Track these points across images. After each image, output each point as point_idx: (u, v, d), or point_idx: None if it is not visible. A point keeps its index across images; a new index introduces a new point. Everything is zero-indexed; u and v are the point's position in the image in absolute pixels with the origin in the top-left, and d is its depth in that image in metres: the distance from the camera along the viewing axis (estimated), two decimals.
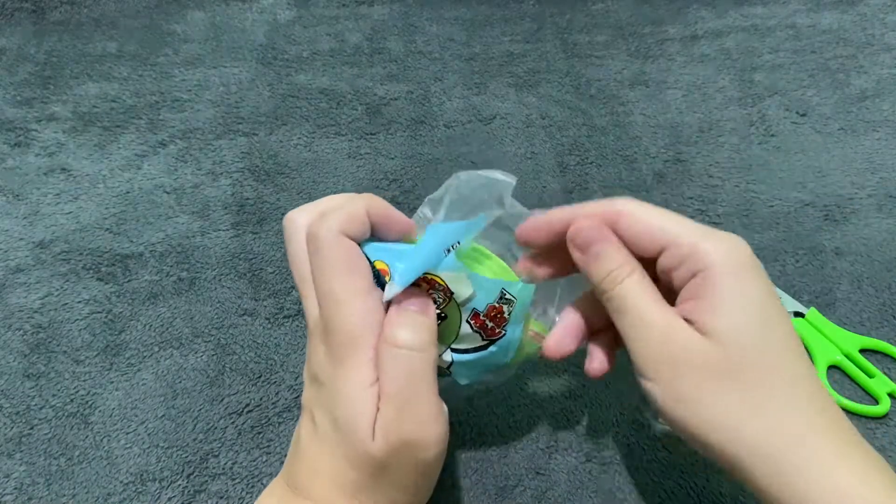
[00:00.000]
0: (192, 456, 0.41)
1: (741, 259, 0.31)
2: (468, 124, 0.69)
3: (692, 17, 0.87)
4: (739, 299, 0.30)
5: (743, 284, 0.31)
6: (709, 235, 0.32)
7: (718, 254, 0.31)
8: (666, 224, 0.33)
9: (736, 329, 0.30)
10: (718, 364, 0.30)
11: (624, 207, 0.33)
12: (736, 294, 0.30)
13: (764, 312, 0.31)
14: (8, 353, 0.47)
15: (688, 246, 0.31)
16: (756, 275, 0.31)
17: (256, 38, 0.84)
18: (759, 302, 0.31)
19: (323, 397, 0.32)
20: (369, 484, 0.31)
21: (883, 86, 0.72)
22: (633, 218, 0.33)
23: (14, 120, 0.71)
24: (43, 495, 0.39)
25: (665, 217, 0.33)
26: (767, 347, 0.30)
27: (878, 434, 0.41)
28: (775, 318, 0.31)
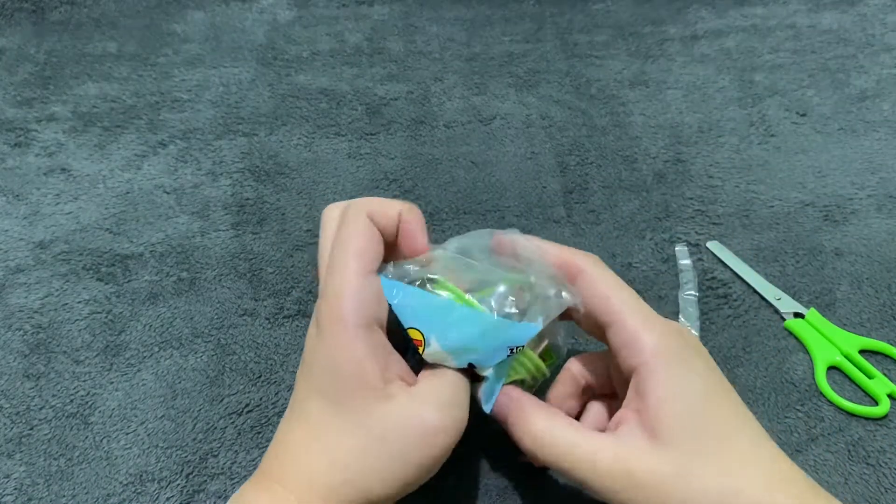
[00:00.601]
0: (191, 456, 0.41)
1: (675, 348, 0.32)
2: (468, 124, 0.69)
3: (692, 17, 0.87)
4: (685, 392, 0.31)
5: (679, 378, 0.31)
6: (648, 323, 0.33)
7: (653, 346, 0.32)
8: (614, 300, 0.34)
9: (686, 423, 0.31)
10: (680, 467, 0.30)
11: (584, 266, 0.35)
12: (673, 391, 0.31)
13: (705, 401, 0.31)
14: (8, 353, 0.47)
15: (628, 332, 0.33)
16: (691, 362, 0.32)
17: (256, 38, 0.84)
18: (699, 392, 0.31)
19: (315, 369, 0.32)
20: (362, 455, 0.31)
21: (883, 86, 0.72)
22: (588, 281, 0.34)
23: (14, 120, 0.71)
24: (43, 496, 0.39)
25: (615, 291, 0.34)
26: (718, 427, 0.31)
27: (878, 436, 0.41)
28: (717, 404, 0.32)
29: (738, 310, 0.49)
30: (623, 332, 0.33)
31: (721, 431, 0.31)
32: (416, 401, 0.32)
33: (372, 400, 0.31)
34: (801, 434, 0.41)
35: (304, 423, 0.32)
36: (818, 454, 0.40)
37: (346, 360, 0.31)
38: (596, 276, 0.34)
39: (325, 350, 0.31)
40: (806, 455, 0.40)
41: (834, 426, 0.42)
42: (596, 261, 0.35)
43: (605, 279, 0.34)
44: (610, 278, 0.35)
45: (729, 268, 0.52)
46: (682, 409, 0.31)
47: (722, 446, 0.30)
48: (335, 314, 0.31)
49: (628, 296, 0.34)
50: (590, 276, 0.34)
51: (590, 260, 0.35)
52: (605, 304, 0.34)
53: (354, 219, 0.34)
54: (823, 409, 0.43)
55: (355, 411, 0.31)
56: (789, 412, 0.42)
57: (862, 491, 0.38)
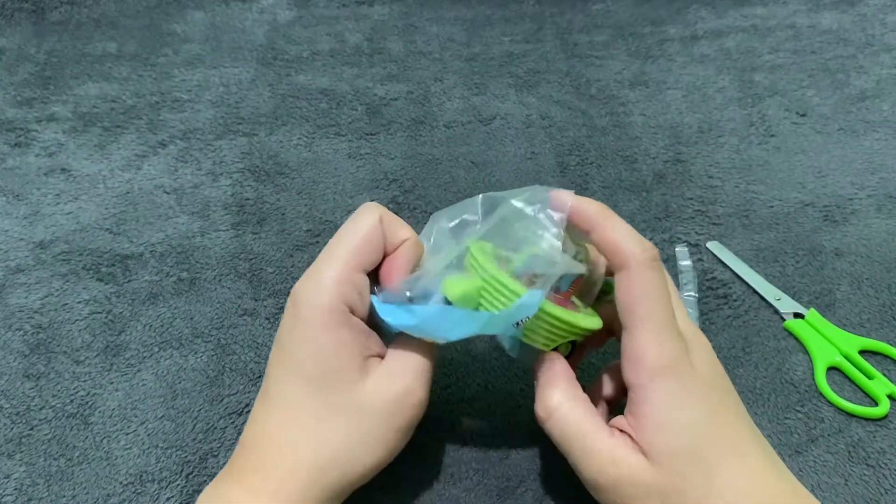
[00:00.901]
0: (191, 456, 0.41)
1: (676, 373, 0.31)
2: (468, 124, 0.69)
3: (692, 17, 0.87)
4: (679, 421, 0.31)
5: (673, 406, 0.31)
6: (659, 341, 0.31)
7: (653, 368, 0.31)
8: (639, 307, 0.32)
9: (677, 449, 0.31)
10: (668, 487, 0.30)
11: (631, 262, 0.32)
12: (665, 419, 0.31)
13: (701, 427, 0.31)
14: (8, 353, 0.47)
15: (636, 346, 0.32)
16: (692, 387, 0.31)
17: (256, 39, 0.85)
18: (694, 420, 0.31)
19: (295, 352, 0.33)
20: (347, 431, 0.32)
21: (883, 86, 0.72)
22: (628, 279, 0.32)
23: (14, 120, 0.71)
24: (43, 496, 0.39)
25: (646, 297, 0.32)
26: (710, 456, 0.31)
27: (878, 437, 0.41)
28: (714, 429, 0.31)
29: (737, 310, 0.49)
30: (632, 344, 0.32)
31: (715, 455, 0.31)
32: (390, 372, 0.33)
33: (352, 379, 0.32)
34: (801, 435, 0.41)
35: (282, 407, 0.32)
36: (818, 455, 0.40)
37: (327, 342, 0.32)
38: (636, 277, 0.32)
39: (307, 333, 0.32)
40: (806, 456, 0.40)
41: (834, 427, 0.42)
42: (646, 259, 0.32)
43: (645, 284, 0.32)
44: (650, 281, 0.32)
45: (729, 268, 0.52)
46: (674, 438, 0.31)
47: (714, 470, 0.30)
48: (318, 299, 0.32)
49: (655, 307, 0.32)
50: (631, 275, 0.32)
51: (641, 256, 0.32)
52: (629, 309, 0.32)
53: (366, 217, 0.34)
54: (823, 410, 0.43)
55: (338, 391, 0.32)
56: (789, 413, 0.42)
57: (862, 492, 0.38)
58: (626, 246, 0.32)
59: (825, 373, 0.44)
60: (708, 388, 0.32)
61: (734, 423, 0.32)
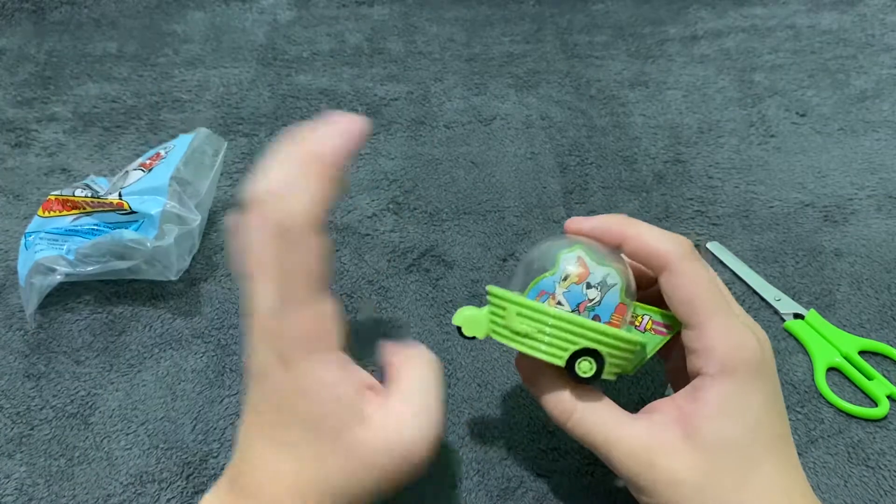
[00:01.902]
0: (191, 457, 0.41)
1: (745, 367, 0.31)
2: (468, 124, 0.69)
3: (692, 18, 0.87)
4: (735, 412, 0.31)
5: (738, 400, 0.31)
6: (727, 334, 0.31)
7: (725, 361, 0.31)
8: (697, 304, 0.32)
9: (725, 440, 0.31)
10: (703, 474, 0.30)
11: (671, 260, 0.32)
12: (733, 407, 0.31)
13: (753, 425, 0.31)
14: (8, 353, 0.47)
15: (705, 340, 0.31)
16: (756, 384, 0.31)
17: (256, 39, 0.85)
18: (750, 417, 0.31)
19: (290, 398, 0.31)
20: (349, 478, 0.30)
21: (883, 86, 0.72)
22: (673, 279, 0.32)
23: (14, 120, 0.71)
24: (43, 496, 0.39)
25: (700, 292, 0.32)
26: (754, 451, 0.31)
27: (878, 437, 0.41)
28: (763, 429, 0.31)
29: None
30: (700, 338, 0.32)
31: (755, 456, 0.31)
32: (392, 417, 0.31)
33: (351, 424, 0.31)
34: (801, 436, 0.41)
35: (287, 451, 0.31)
36: (818, 456, 0.40)
37: (323, 390, 0.30)
38: (682, 273, 0.32)
39: (301, 381, 0.30)
40: (805, 457, 0.40)
41: (834, 428, 0.42)
42: (684, 253, 0.32)
43: (693, 277, 0.32)
44: (697, 276, 0.32)
45: (729, 268, 0.52)
46: (729, 430, 0.31)
47: (756, 466, 0.31)
48: (308, 344, 0.30)
49: (713, 298, 0.32)
50: (675, 273, 0.32)
51: (678, 252, 0.32)
52: (688, 308, 0.32)
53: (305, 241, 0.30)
54: (823, 411, 0.43)
55: (337, 437, 0.30)
56: (789, 414, 0.42)
57: (861, 493, 0.38)
58: (662, 246, 0.32)
59: (825, 373, 0.44)
60: (768, 381, 0.32)
61: (780, 421, 0.32)
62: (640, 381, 0.45)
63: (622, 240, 0.33)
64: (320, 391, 0.30)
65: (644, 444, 0.32)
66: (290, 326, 0.30)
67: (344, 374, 0.31)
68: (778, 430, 0.32)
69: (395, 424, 0.31)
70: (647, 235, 0.33)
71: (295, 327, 0.30)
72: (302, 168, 0.30)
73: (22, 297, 0.49)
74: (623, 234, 0.33)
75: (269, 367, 0.31)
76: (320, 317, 0.31)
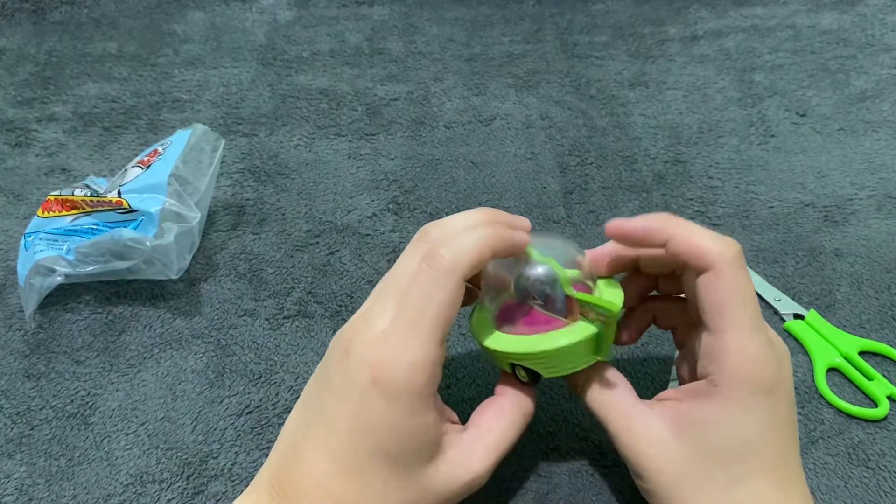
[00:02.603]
0: (191, 457, 0.41)
1: (758, 382, 0.31)
2: (468, 125, 0.69)
3: (692, 18, 0.87)
4: (730, 428, 0.31)
5: (745, 411, 0.31)
6: (745, 345, 0.31)
7: (736, 373, 0.31)
8: (727, 310, 0.31)
9: (713, 450, 0.31)
10: (686, 472, 0.31)
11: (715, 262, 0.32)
12: (729, 423, 0.31)
13: (755, 436, 0.31)
14: (8, 353, 0.47)
15: (721, 348, 0.31)
16: (766, 397, 0.31)
17: (256, 39, 0.84)
18: (754, 433, 0.31)
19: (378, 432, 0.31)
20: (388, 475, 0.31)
21: (883, 86, 0.72)
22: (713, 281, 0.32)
23: (14, 120, 0.71)
24: (43, 496, 0.39)
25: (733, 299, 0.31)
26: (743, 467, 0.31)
27: (878, 438, 0.41)
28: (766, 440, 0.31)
29: None
30: (718, 344, 0.31)
31: (746, 472, 0.31)
32: (465, 450, 0.33)
33: (428, 458, 0.32)
34: (801, 437, 0.41)
35: (353, 477, 0.31)
36: (818, 457, 0.40)
37: (416, 429, 0.31)
38: (724, 277, 0.31)
39: (396, 417, 0.30)
40: (806, 458, 0.40)
41: (834, 429, 0.42)
42: (732, 259, 0.31)
43: (733, 283, 0.31)
44: (738, 283, 0.31)
45: None
46: (718, 441, 0.31)
47: (739, 485, 0.31)
48: (413, 385, 0.30)
49: (745, 309, 0.31)
50: (718, 275, 0.31)
51: (728, 254, 0.31)
52: (716, 313, 0.32)
53: (454, 279, 0.31)
54: (823, 412, 0.43)
55: (412, 468, 0.31)
56: None
57: (862, 494, 0.38)
58: (713, 246, 0.32)
59: (825, 374, 0.44)
60: (779, 403, 0.32)
61: (787, 441, 0.32)
62: (641, 377, 0.45)
63: (669, 237, 0.33)
64: (415, 432, 0.31)
65: (632, 426, 0.33)
66: (406, 361, 0.30)
67: (439, 418, 0.32)
68: (781, 450, 0.32)
69: (467, 459, 0.33)
70: (698, 234, 0.32)
71: (411, 364, 0.30)
72: (486, 238, 0.32)
73: (21, 298, 0.49)
74: (670, 231, 0.33)
75: (362, 389, 0.30)
76: (438, 362, 0.31)
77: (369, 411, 0.30)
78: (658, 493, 0.32)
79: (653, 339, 0.47)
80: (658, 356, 0.46)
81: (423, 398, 0.31)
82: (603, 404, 0.34)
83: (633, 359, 0.46)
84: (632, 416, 0.33)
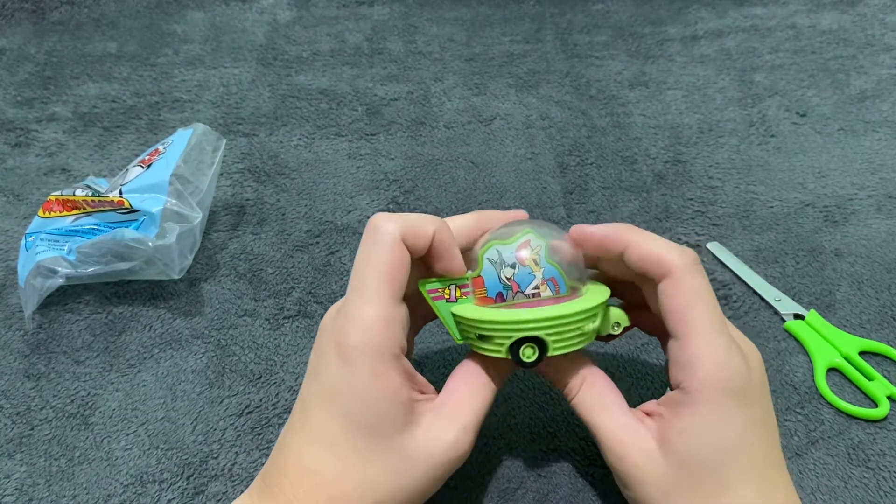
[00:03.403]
0: (191, 458, 0.41)
1: (727, 386, 0.31)
2: (468, 125, 0.69)
3: (692, 18, 0.87)
4: (709, 435, 0.31)
5: (716, 420, 0.31)
6: (712, 351, 0.31)
7: (704, 379, 0.31)
8: (689, 315, 0.32)
9: (695, 459, 0.31)
10: (671, 483, 0.31)
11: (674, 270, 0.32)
12: (708, 429, 0.31)
13: (731, 446, 0.31)
14: (8, 353, 0.47)
15: (688, 354, 0.31)
16: (737, 404, 0.31)
17: (256, 39, 0.84)
18: (733, 438, 0.31)
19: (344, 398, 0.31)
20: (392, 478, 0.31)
21: (883, 86, 0.72)
22: (672, 287, 0.32)
23: (14, 120, 0.71)
24: (43, 496, 0.39)
25: (695, 304, 0.32)
26: (726, 474, 0.31)
27: (878, 438, 0.41)
28: (743, 449, 0.31)
29: (737, 311, 0.49)
30: (685, 350, 0.31)
31: (728, 478, 0.31)
32: (442, 419, 0.33)
33: (401, 424, 0.32)
34: (801, 437, 0.41)
35: (329, 450, 0.31)
36: (818, 458, 0.40)
37: (380, 391, 0.31)
38: (683, 282, 0.32)
39: (357, 380, 0.31)
40: (806, 459, 0.40)
41: (834, 429, 0.42)
42: (688, 265, 0.32)
43: (693, 288, 0.32)
44: (696, 287, 0.32)
45: (729, 269, 0.52)
46: (699, 450, 0.31)
47: (728, 488, 0.31)
48: (368, 345, 0.31)
49: (708, 313, 0.32)
50: (677, 281, 0.32)
51: (683, 261, 0.32)
52: (679, 319, 0.32)
53: (383, 236, 0.33)
54: (823, 412, 0.43)
55: (387, 437, 0.31)
56: (789, 415, 0.42)
57: (862, 495, 0.38)
58: (667, 254, 0.32)
59: (825, 374, 0.44)
60: (753, 406, 0.32)
61: (766, 444, 0.32)
62: (641, 377, 0.45)
63: (626, 245, 0.33)
64: (380, 394, 0.31)
65: (622, 438, 0.33)
66: (357, 321, 0.31)
67: (405, 380, 0.32)
68: (762, 453, 0.31)
69: (444, 428, 0.32)
70: (653, 242, 0.33)
71: (362, 323, 0.31)
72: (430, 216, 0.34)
73: (21, 298, 0.49)
74: (627, 240, 0.33)
75: (328, 360, 0.32)
76: (393, 319, 0.32)
77: (334, 380, 0.31)
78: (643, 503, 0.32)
79: (653, 340, 0.47)
80: (660, 358, 0.46)
81: (383, 358, 0.31)
82: (595, 413, 0.34)
83: (634, 360, 0.46)
84: (623, 428, 0.33)
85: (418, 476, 0.32)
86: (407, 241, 0.33)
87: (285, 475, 0.32)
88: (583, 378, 0.35)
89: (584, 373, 0.35)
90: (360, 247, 0.33)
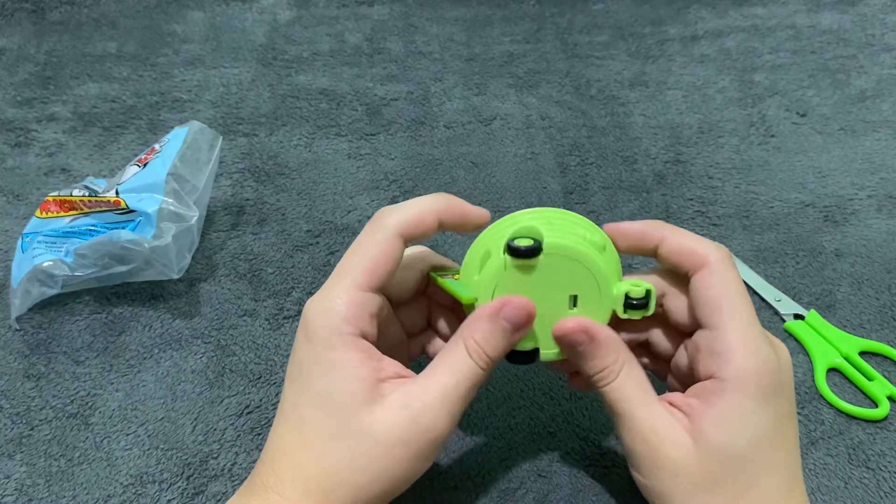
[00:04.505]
0: (191, 458, 0.41)
1: (760, 381, 0.31)
2: (468, 125, 0.69)
3: (692, 18, 0.87)
4: (743, 424, 0.31)
5: (747, 412, 0.31)
6: (747, 343, 0.31)
7: (740, 371, 0.31)
8: (725, 305, 0.32)
9: (728, 449, 0.31)
10: (702, 476, 0.31)
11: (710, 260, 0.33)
12: (742, 419, 0.31)
13: (759, 440, 0.31)
14: (8, 353, 0.47)
15: (723, 344, 0.31)
16: (768, 399, 0.31)
17: (256, 39, 0.84)
18: (764, 430, 0.31)
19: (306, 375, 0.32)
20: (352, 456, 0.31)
21: (883, 86, 0.72)
22: (708, 277, 0.32)
23: (14, 120, 0.71)
24: (43, 496, 0.39)
25: (730, 295, 0.32)
26: (756, 466, 0.31)
27: (878, 439, 0.41)
28: (769, 444, 0.31)
29: None
30: (719, 340, 0.31)
31: (756, 471, 0.31)
32: (409, 397, 0.31)
33: (361, 402, 0.31)
34: (801, 437, 0.41)
35: (295, 429, 0.32)
36: (818, 458, 0.40)
37: (339, 366, 0.31)
38: (718, 273, 0.32)
39: (318, 356, 0.31)
40: (806, 459, 0.40)
41: (834, 429, 0.42)
42: (723, 256, 0.33)
43: (727, 279, 0.32)
44: (732, 279, 0.32)
45: None
46: (734, 438, 0.31)
47: (756, 481, 0.31)
48: (329, 322, 0.31)
49: (742, 305, 0.32)
50: (712, 272, 0.32)
51: (718, 254, 0.33)
52: (713, 308, 0.32)
53: (376, 232, 0.33)
54: (823, 412, 0.43)
55: (344, 413, 0.31)
56: None
57: (862, 495, 0.38)
58: (702, 247, 0.33)
59: (825, 374, 0.44)
60: (783, 400, 0.32)
61: (790, 440, 0.32)
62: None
63: (661, 238, 0.34)
64: (338, 368, 0.31)
65: (658, 428, 0.32)
66: (322, 303, 0.32)
67: (366, 357, 0.32)
68: (785, 449, 0.32)
69: (410, 406, 0.31)
70: (688, 236, 0.34)
71: (326, 305, 0.32)
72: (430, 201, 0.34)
73: (11, 297, 0.49)
74: (662, 234, 0.34)
75: (297, 340, 0.33)
76: (358, 303, 0.32)
77: (299, 357, 0.32)
78: (670, 496, 0.32)
79: None
80: None
81: (341, 334, 0.31)
82: (633, 401, 0.33)
83: None
84: (659, 417, 0.32)
85: (380, 455, 0.31)
86: (408, 233, 0.33)
87: (262, 461, 0.32)
88: (622, 362, 0.33)
89: (624, 357, 0.33)
90: (357, 236, 0.34)
